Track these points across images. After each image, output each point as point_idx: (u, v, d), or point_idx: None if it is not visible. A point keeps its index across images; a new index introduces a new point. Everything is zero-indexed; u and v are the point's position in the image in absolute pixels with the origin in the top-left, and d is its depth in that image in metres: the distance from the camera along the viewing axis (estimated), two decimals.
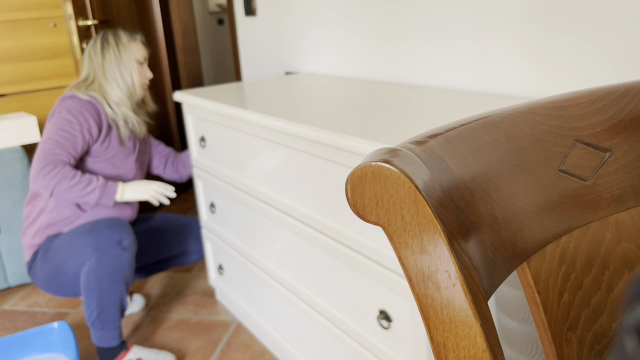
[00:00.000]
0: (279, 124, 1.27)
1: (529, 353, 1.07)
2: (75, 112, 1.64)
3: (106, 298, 1.56)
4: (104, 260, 1.54)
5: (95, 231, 1.58)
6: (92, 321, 1.58)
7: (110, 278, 1.55)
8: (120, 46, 1.75)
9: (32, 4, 2.45)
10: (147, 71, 1.83)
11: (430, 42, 1.53)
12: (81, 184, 1.60)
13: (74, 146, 1.63)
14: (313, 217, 1.26)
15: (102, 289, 1.55)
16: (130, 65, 1.75)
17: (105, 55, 1.74)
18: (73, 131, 1.63)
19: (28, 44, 2.48)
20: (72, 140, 1.62)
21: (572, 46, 1.19)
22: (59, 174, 1.58)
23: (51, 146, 1.60)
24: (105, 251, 1.54)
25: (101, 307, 1.56)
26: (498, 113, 0.45)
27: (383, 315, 1.11)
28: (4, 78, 2.44)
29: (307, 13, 1.99)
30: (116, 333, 1.60)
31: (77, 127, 1.63)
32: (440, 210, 0.36)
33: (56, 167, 1.58)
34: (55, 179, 1.58)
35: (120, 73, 1.74)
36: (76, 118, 1.64)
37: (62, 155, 1.61)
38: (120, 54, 1.74)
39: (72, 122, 1.63)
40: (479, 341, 0.35)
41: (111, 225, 1.60)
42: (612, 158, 0.48)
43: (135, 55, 1.77)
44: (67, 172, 1.59)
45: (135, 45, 1.79)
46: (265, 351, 1.70)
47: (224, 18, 4.05)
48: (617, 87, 0.50)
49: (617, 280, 0.50)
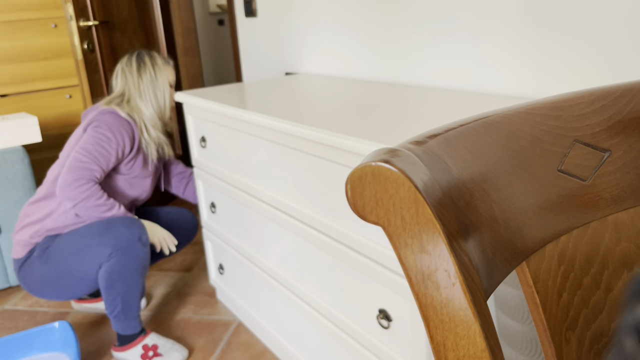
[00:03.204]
0: (279, 124, 1.27)
1: (528, 352, 1.07)
2: (114, 130, 1.67)
3: (130, 293, 1.61)
4: (126, 259, 1.57)
5: (112, 231, 1.59)
6: (116, 314, 1.63)
7: (134, 274, 1.60)
8: (156, 69, 1.81)
9: (33, 4, 2.45)
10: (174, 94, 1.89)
11: (429, 42, 1.53)
12: (104, 207, 1.63)
13: (107, 163, 1.66)
14: (313, 217, 1.27)
15: (126, 285, 1.60)
16: (164, 87, 1.81)
17: (141, 75, 1.79)
18: (110, 149, 1.66)
19: (29, 45, 2.48)
20: (107, 157, 1.66)
21: (571, 46, 1.19)
22: (89, 190, 1.61)
23: (88, 159, 1.63)
24: (126, 250, 1.57)
25: (125, 301, 1.61)
26: (497, 113, 0.45)
27: (383, 315, 1.11)
28: (5, 78, 2.45)
29: (307, 14, 2.00)
30: (138, 321, 1.67)
31: (114, 146, 1.67)
32: (440, 210, 0.36)
33: (88, 182, 1.61)
34: (84, 195, 1.60)
35: (154, 94, 1.79)
36: (115, 136, 1.67)
37: (96, 172, 1.64)
38: (156, 76, 1.80)
39: (110, 140, 1.66)
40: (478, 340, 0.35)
41: (127, 223, 1.61)
42: (611, 158, 0.48)
43: (169, 78, 1.84)
44: (95, 191, 1.62)
45: (168, 69, 1.85)
46: (266, 350, 1.70)
47: (224, 19, 4.06)
48: (616, 87, 0.50)
49: (616, 280, 0.50)
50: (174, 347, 1.68)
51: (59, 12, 2.52)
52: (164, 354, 1.66)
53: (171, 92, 1.86)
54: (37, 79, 2.53)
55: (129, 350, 1.66)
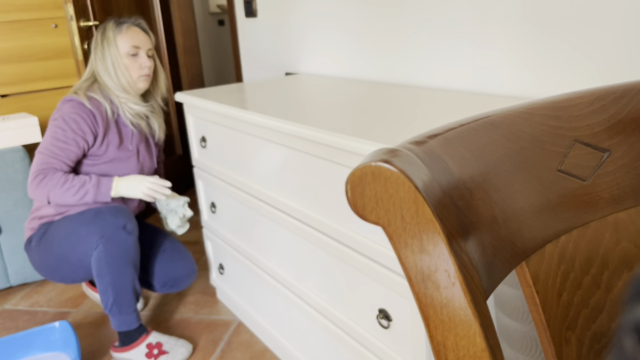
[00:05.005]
0: (279, 124, 1.27)
1: (528, 352, 1.07)
2: (69, 120, 1.64)
3: (119, 283, 1.60)
4: (111, 247, 1.57)
5: (100, 219, 1.60)
6: (110, 307, 1.62)
7: (120, 262, 1.59)
8: (105, 44, 1.71)
9: (33, 4, 2.45)
10: (143, 60, 1.74)
11: (429, 43, 1.53)
12: (74, 188, 1.61)
13: (67, 155, 1.65)
14: (313, 216, 1.27)
15: (114, 274, 1.59)
16: (116, 62, 1.71)
17: (97, 51, 1.73)
18: (67, 139, 1.64)
19: (29, 45, 2.48)
20: (66, 149, 1.64)
21: (571, 46, 1.19)
22: (50, 182, 1.61)
23: (45, 155, 1.63)
24: (111, 237, 1.57)
25: (116, 292, 1.60)
26: (497, 113, 0.45)
27: (383, 315, 1.11)
28: (5, 79, 2.45)
29: (307, 14, 2.00)
30: (133, 316, 1.65)
31: (70, 135, 1.64)
32: (440, 210, 0.36)
33: (46, 176, 1.61)
34: (47, 188, 1.61)
35: (112, 66, 1.71)
36: (69, 125, 1.64)
37: (55, 164, 1.63)
38: (105, 51, 1.71)
39: (65, 131, 1.64)
40: (478, 340, 0.35)
41: (114, 212, 1.62)
42: (611, 158, 0.49)
43: (123, 49, 1.71)
44: (57, 179, 1.61)
45: (123, 37, 1.72)
46: (266, 350, 1.70)
47: (224, 19, 4.06)
48: (616, 87, 0.50)
49: (616, 280, 0.50)
50: (178, 342, 1.68)
51: (59, 12, 2.52)
52: (169, 351, 1.66)
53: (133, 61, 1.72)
54: (37, 79, 2.53)
55: (132, 350, 1.65)
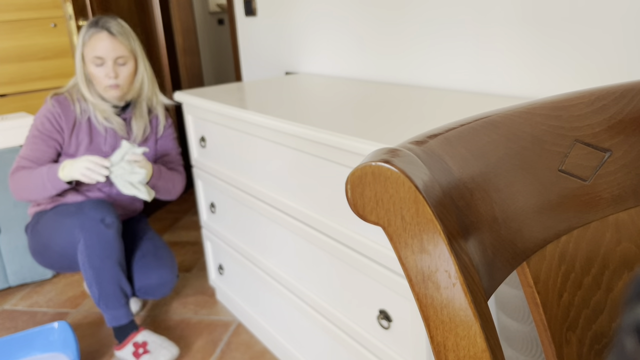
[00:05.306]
0: (279, 124, 1.27)
1: (528, 353, 1.07)
2: (37, 121, 1.70)
3: (102, 276, 1.61)
4: (90, 240, 1.60)
5: (81, 212, 1.63)
6: (98, 302, 1.64)
7: (100, 255, 1.60)
8: (77, 49, 1.72)
9: (33, 4, 2.45)
10: (108, 70, 1.66)
11: (429, 42, 1.53)
12: (31, 182, 1.64)
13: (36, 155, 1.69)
14: (313, 216, 1.26)
15: (95, 267, 1.61)
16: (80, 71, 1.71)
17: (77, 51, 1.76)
18: (35, 139, 1.70)
19: (28, 44, 2.48)
20: (35, 149, 1.69)
21: (571, 46, 1.19)
22: (12, 182, 1.67)
23: (20, 158, 1.69)
24: (89, 230, 1.59)
25: (100, 286, 1.62)
26: (498, 113, 0.45)
27: (383, 315, 1.11)
28: (5, 78, 2.45)
29: (307, 13, 1.99)
30: (122, 311, 1.66)
31: (37, 135, 1.70)
32: (440, 210, 0.36)
33: (14, 175, 1.67)
34: (12, 188, 1.67)
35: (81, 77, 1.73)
36: (37, 127, 1.70)
37: (24, 164, 1.68)
38: (76, 57, 1.73)
39: (33, 132, 1.70)
40: (478, 341, 0.35)
41: (94, 205, 1.65)
42: (611, 158, 0.48)
43: (87, 58, 1.68)
44: (17, 178, 1.66)
45: (87, 46, 1.67)
46: (266, 351, 1.70)
47: (224, 18, 4.05)
48: (617, 87, 0.50)
49: (617, 280, 0.50)
50: (163, 344, 1.66)
51: (59, 11, 2.51)
52: (152, 351, 1.65)
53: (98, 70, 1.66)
54: (37, 78, 2.52)
55: (123, 349, 1.67)
